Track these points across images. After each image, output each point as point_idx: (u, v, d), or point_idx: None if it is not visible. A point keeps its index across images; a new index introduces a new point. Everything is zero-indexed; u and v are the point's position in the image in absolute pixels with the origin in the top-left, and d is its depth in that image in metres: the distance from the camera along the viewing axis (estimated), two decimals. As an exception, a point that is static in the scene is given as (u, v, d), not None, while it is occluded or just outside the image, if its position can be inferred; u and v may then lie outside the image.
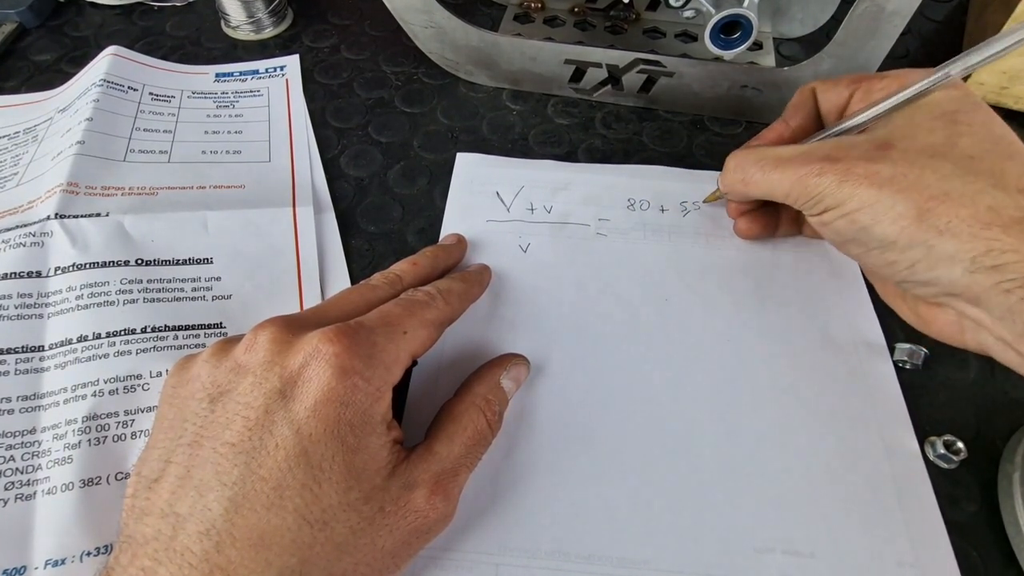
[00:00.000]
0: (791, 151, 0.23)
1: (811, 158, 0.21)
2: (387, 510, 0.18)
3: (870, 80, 0.23)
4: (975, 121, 0.20)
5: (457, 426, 0.20)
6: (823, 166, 0.21)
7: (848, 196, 0.20)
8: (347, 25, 0.41)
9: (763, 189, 0.23)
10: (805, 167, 0.21)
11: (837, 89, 0.24)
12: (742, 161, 0.24)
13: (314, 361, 0.18)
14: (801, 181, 0.21)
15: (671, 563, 0.21)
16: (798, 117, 0.26)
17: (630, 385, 0.24)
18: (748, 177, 0.24)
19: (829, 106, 0.25)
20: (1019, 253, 0.17)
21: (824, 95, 0.25)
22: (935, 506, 0.21)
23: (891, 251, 0.20)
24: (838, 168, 0.20)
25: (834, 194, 0.20)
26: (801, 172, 0.21)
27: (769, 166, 0.23)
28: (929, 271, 0.19)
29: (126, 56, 0.36)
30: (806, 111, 0.26)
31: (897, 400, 0.24)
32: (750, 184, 0.24)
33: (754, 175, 0.23)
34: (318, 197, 0.31)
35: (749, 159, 0.24)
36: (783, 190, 0.22)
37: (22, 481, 0.21)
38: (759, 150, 0.24)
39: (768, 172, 0.23)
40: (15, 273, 0.25)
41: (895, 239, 0.19)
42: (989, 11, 0.34)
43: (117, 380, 0.23)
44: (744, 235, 0.28)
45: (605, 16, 0.40)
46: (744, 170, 0.24)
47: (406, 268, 0.24)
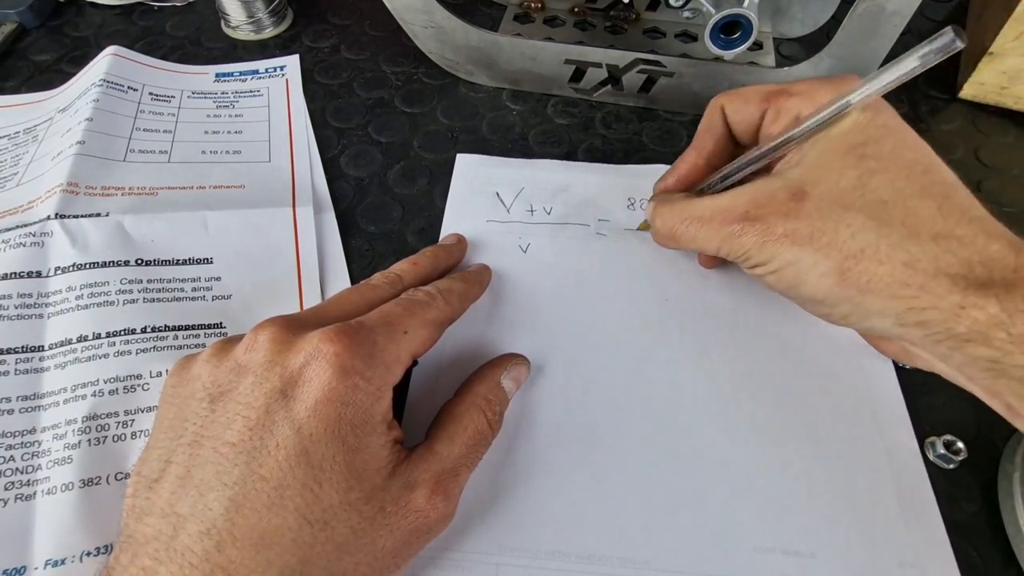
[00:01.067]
0: (711, 208, 0.22)
1: (731, 216, 0.21)
2: (388, 510, 0.18)
3: (778, 98, 0.22)
4: (884, 153, 0.19)
5: (458, 426, 0.20)
6: (743, 226, 0.20)
7: (771, 256, 0.20)
8: (347, 25, 0.41)
9: (693, 246, 0.23)
10: (726, 227, 0.21)
11: (748, 108, 0.23)
12: (667, 220, 0.23)
13: (315, 361, 0.18)
14: (726, 241, 0.21)
15: (671, 563, 0.21)
16: (709, 143, 0.25)
17: (630, 385, 0.24)
18: (676, 235, 0.23)
19: (741, 126, 0.24)
20: (938, 309, 0.17)
21: (734, 113, 0.24)
22: (935, 506, 0.21)
23: (822, 306, 0.20)
24: (757, 228, 0.20)
25: (759, 254, 0.20)
26: (724, 232, 0.21)
27: (694, 226, 0.22)
28: (862, 322, 0.19)
29: (126, 56, 0.36)
30: (716, 134, 0.25)
31: (897, 400, 0.24)
32: (680, 241, 0.23)
33: (681, 234, 0.23)
34: (318, 197, 0.31)
35: (674, 218, 0.23)
36: (712, 248, 0.22)
37: (22, 481, 0.21)
38: (681, 207, 0.23)
39: (694, 232, 0.22)
40: (15, 273, 0.25)
41: (823, 297, 0.19)
42: (989, 11, 0.34)
43: (117, 380, 0.23)
44: (707, 266, 0.28)
45: (605, 16, 0.40)
46: (671, 229, 0.23)
47: (406, 268, 0.24)
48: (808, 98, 0.21)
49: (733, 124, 0.24)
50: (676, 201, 0.24)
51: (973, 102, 0.35)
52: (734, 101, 0.24)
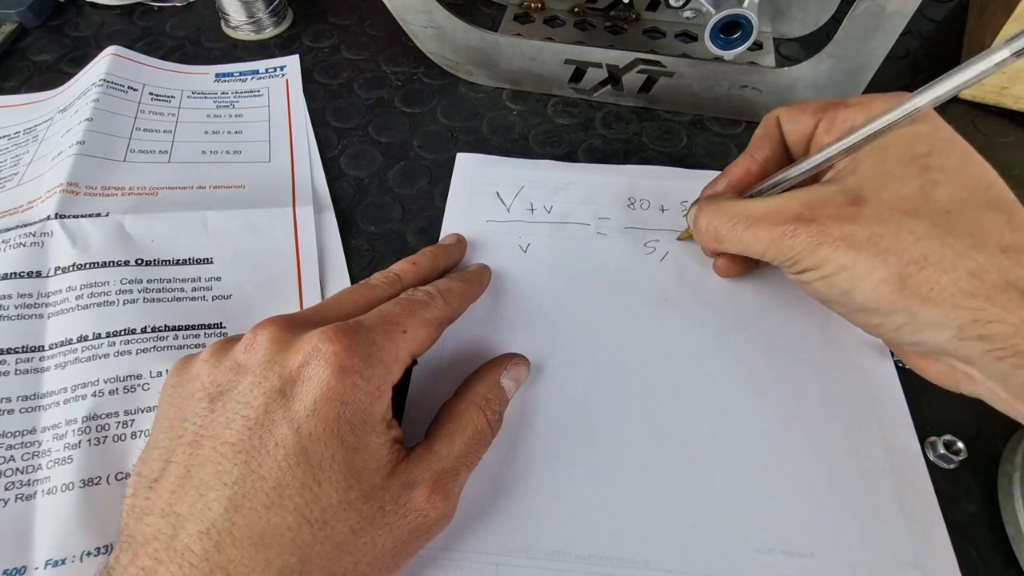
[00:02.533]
0: (762, 208, 0.21)
1: (782, 217, 0.20)
2: (387, 509, 0.18)
3: (834, 109, 0.22)
4: (949, 165, 0.19)
5: (457, 425, 0.20)
6: (796, 227, 0.20)
7: (824, 259, 0.19)
8: (347, 25, 0.41)
9: (737, 248, 0.22)
10: (778, 228, 0.20)
11: (802, 118, 0.23)
12: (713, 219, 0.23)
13: (313, 360, 0.18)
14: (775, 243, 0.20)
15: (671, 563, 0.21)
16: (764, 149, 0.25)
17: (630, 385, 0.24)
18: (721, 236, 0.23)
19: (795, 136, 0.24)
20: (1006, 323, 0.17)
21: (788, 124, 0.24)
22: (936, 506, 0.21)
23: (874, 315, 0.19)
24: (812, 230, 0.19)
25: (810, 257, 0.20)
26: (775, 233, 0.20)
27: (741, 225, 0.22)
28: (915, 335, 0.19)
29: (126, 56, 0.36)
30: (772, 142, 0.25)
31: (898, 400, 0.24)
32: (724, 242, 0.23)
33: (727, 235, 0.22)
34: (318, 197, 0.31)
35: (720, 217, 0.23)
36: (759, 250, 0.21)
37: (22, 481, 0.21)
38: (728, 206, 0.23)
39: (741, 232, 0.22)
40: (15, 273, 0.25)
41: (877, 305, 0.19)
42: (989, 11, 0.34)
43: (117, 380, 0.23)
44: (723, 274, 0.27)
45: (605, 16, 0.40)
46: (716, 228, 0.23)
47: (406, 268, 0.24)
48: (862, 109, 0.21)
49: (787, 134, 0.24)
50: (723, 201, 0.23)
51: (973, 102, 0.35)
52: (790, 112, 0.24)
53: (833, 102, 0.23)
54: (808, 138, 0.23)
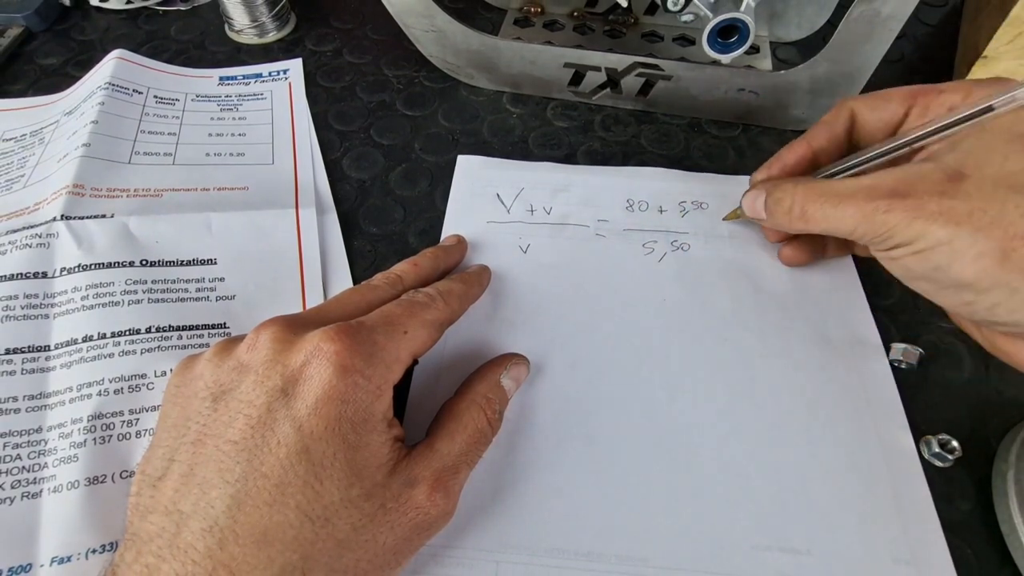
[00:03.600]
0: (852, 185, 0.21)
1: (876, 193, 0.20)
2: (388, 507, 0.18)
3: (928, 94, 0.22)
4: None
5: (458, 424, 0.20)
6: (891, 202, 0.19)
7: (920, 234, 0.19)
8: (349, 29, 0.41)
9: (823, 226, 0.22)
10: (871, 203, 0.20)
11: (889, 106, 0.23)
12: (798, 196, 0.22)
13: (315, 359, 0.18)
14: (867, 219, 0.20)
15: (669, 560, 0.21)
16: (822, 138, 0.24)
17: (629, 384, 0.25)
18: (807, 213, 0.22)
19: (878, 124, 0.23)
20: None
21: (871, 112, 0.23)
22: (931, 504, 0.22)
23: (968, 292, 0.19)
24: (908, 204, 0.19)
25: (904, 231, 0.19)
26: (867, 209, 0.20)
27: (830, 202, 0.21)
28: (1011, 314, 0.18)
29: (131, 60, 0.36)
30: (833, 132, 0.24)
31: (893, 399, 0.24)
32: (809, 220, 0.22)
33: (813, 212, 0.22)
34: (321, 199, 0.31)
35: (807, 195, 0.22)
36: (848, 227, 0.21)
37: (28, 479, 0.21)
38: (814, 185, 0.22)
39: (829, 209, 0.21)
40: (22, 274, 0.25)
41: (973, 280, 0.18)
42: (983, 15, 0.34)
43: (122, 379, 0.23)
44: (791, 263, 0.27)
45: (604, 20, 0.40)
46: (800, 205, 0.22)
47: (407, 269, 0.25)
48: (962, 92, 0.21)
49: (866, 124, 0.24)
50: (806, 180, 0.23)
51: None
52: (872, 101, 0.23)
53: (924, 88, 0.22)
54: (895, 127, 0.23)
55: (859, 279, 0.27)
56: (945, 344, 0.26)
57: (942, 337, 0.26)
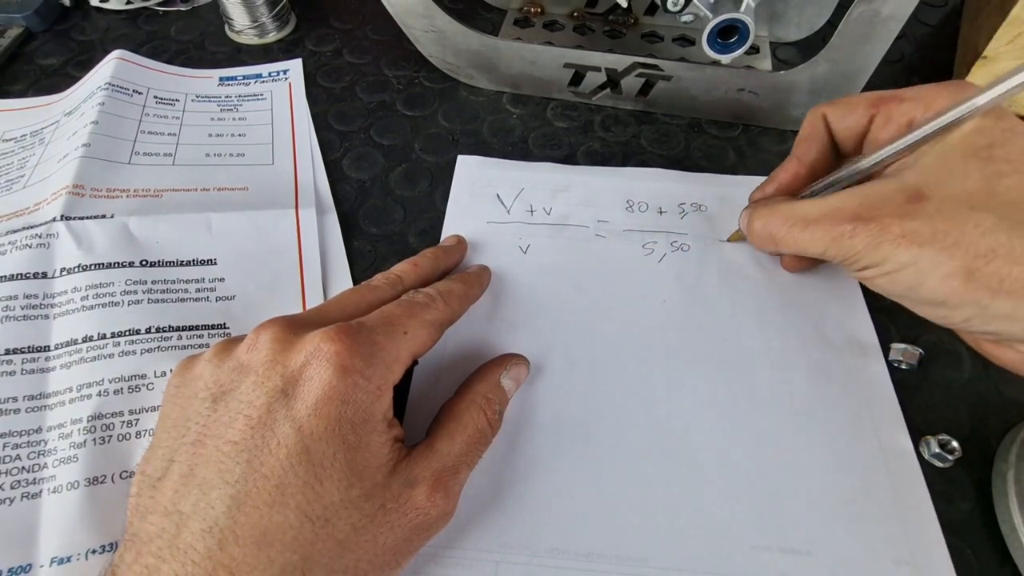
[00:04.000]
0: (818, 209, 0.21)
1: (840, 217, 0.20)
2: (388, 507, 0.18)
3: (890, 103, 0.22)
4: (1013, 155, 0.19)
5: (458, 424, 0.20)
6: (855, 226, 0.19)
7: (886, 257, 0.19)
8: (349, 29, 0.42)
9: (794, 249, 0.22)
10: (836, 228, 0.20)
11: (854, 114, 0.23)
12: (768, 222, 0.23)
13: (315, 360, 0.18)
14: (835, 243, 0.20)
15: (669, 561, 0.21)
16: (811, 151, 0.24)
17: (629, 385, 0.25)
18: (777, 238, 0.22)
19: (847, 133, 0.24)
20: None
21: (839, 120, 0.24)
22: (930, 504, 0.22)
23: (941, 308, 0.19)
24: (871, 228, 0.19)
25: (871, 255, 0.19)
26: (833, 233, 0.20)
27: (797, 227, 0.21)
28: (985, 325, 0.19)
29: (131, 60, 0.36)
30: (818, 142, 0.24)
31: (891, 399, 0.24)
32: (781, 244, 0.22)
33: (783, 237, 0.22)
34: (321, 199, 0.31)
35: (775, 220, 0.22)
36: (818, 250, 0.21)
37: (28, 480, 0.21)
38: (783, 208, 0.22)
39: (797, 233, 0.21)
40: (21, 274, 0.25)
41: (943, 299, 0.18)
42: (983, 15, 0.34)
43: (122, 380, 0.23)
44: (792, 269, 0.27)
45: (604, 20, 0.40)
46: (772, 231, 0.23)
47: (407, 269, 0.25)
48: (922, 103, 0.21)
49: (837, 132, 0.24)
50: (777, 204, 0.23)
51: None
52: (838, 108, 0.24)
53: (887, 95, 0.22)
54: (861, 134, 0.23)
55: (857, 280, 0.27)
56: (945, 344, 0.26)
57: (942, 337, 0.26)
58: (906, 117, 0.21)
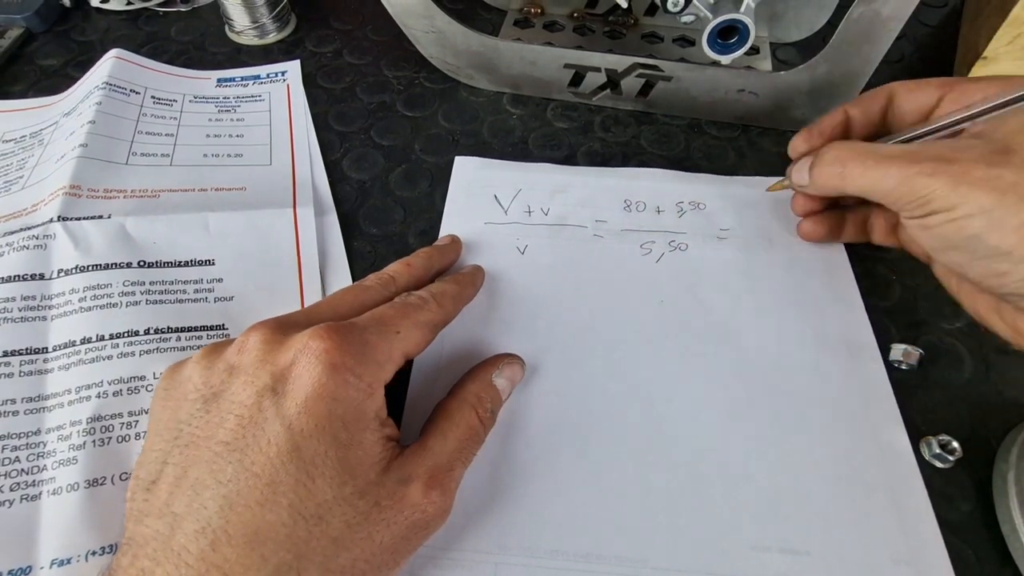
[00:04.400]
0: (897, 149, 0.21)
1: (921, 157, 0.20)
2: (383, 504, 0.18)
3: (963, 84, 0.22)
4: None
5: (450, 422, 0.20)
6: (936, 166, 0.19)
7: (962, 200, 0.19)
8: (349, 30, 0.42)
9: (860, 184, 0.22)
10: (915, 166, 0.20)
11: (926, 91, 0.23)
12: (842, 154, 0.23)
13: (304, 357, 0.18)
14: (908, 180, 0.20)
15: (668, 561, 0.21)
16: (857, 109, 0.25)
17: (627, 385, 0.25)
18: (848, 171, 0.22)
19: (912, 107, 0.24)
20: None
21: (908, 96, 0.24)
22: (928, 504, 0.22)
23: (1004, 262, 0.19)
24: (953, 170, 0.19)
25: (946, 197, 0.19)
26: (910, 171, 0.20)
27: (872, 161, 0.21)
28: None
29: (128, 59, 0.36)
30: (868, 107, 0.25)
31: (889, 399, 0.24)
32: (848, 179, 0.22)
33: (854, 169, 0.22)
34: (321, 200, 0.31)
35: (851, 152, 0.22)
36: (885, 188, 0.21)
37: (27, 482, 0.21)
38: (860, 144, 0.23)
39: (871, 168, 0.21)
40: (19, 276, 0.25)
41: (1011, 250, 0.18)
42: (983, 16, 0.34)
43: (121, 381, 0.23)
44: (808, 236, 0.28)
45: (604, 21, 0.40)
46: (844, 163, 0.22)
47: (400, 269, 0.25)
48: (996, 84, 0.21)
49: (904, 105, 0.24)
50: (854, 142, 0.24)
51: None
52: (909, 85, 0.24)
53: (960, 79, 0.23)
54: (927, 112, 0.24)
55: (855, 280, 0.27)
56: (945, 345, 0.26)
57: (942, 338, 0.26)
58: (980, 94, 0.21)
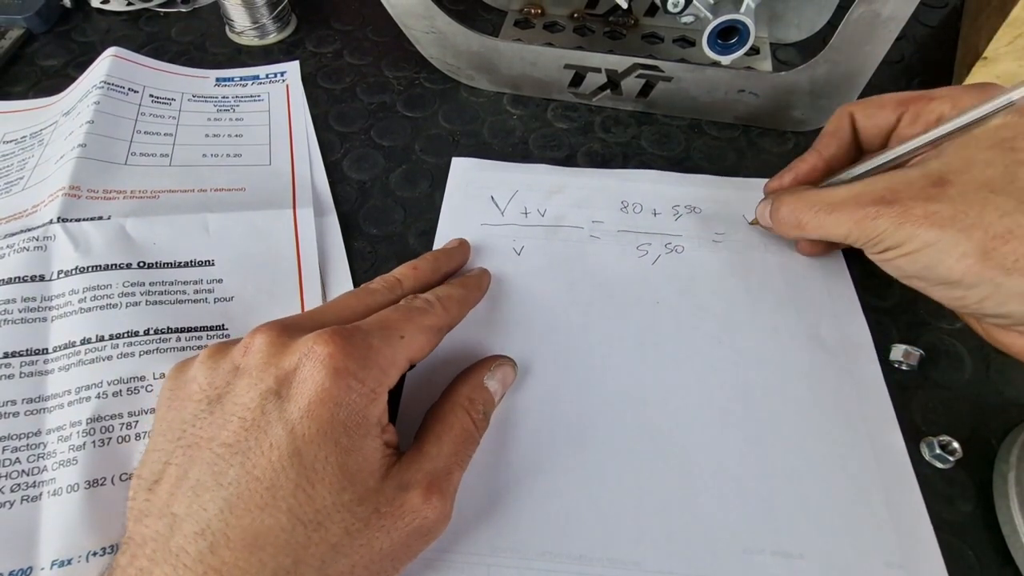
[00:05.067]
0: (843, 194, 0.22)
1: (864, 200, 0.21)
2: (383, 511, 0.18)
3: (918, 102, 0.23)
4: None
5: (444, 426, 0.20)
6: (879, 209, 0.20)
7: (908, 237, 0.20)
8: (350, 31, 0.42)
9: (819, 233, 0.23)
10: (860, 210, 0.21)
11: (882, 112, 0.24)
12: (794, 207, 0.24)
13: (308, 361, 0.18)
14: (858, 225, 0.21)
15: (661, 564, 0.21)
16: (832, 146, 0.25)
17: (621, 387, 0.25)
18: (803, 222, 0.23)
19: (874, 130, 0.25)
20: None
21: (867, 119, 0.25)
22: (922, 506, 0.22)
23: (957, 288, 0.20)
24: (895, 210, 0.20)
25: (893, 235, 0.20)
26: (856, 216, 0.21)
27: (823, 211, 0.22)
28: (999, 307, 0.19)
29: (126, 57, 0.36)
30: (841, 139, 0.25)
31: (884, 401, 0.24)
32: (805, 228, 0.24)
33: (808, 221, 0.23)
34: (321, 200, 0.31)
35: (801, 204, 0.23)
36: (841, 233, 0.22)
37: (28, 483, 0.21)
38: (809, 194, 0.24)
39: (822, 217, 0.22)
40: (19, 277, 0.25)
41: (960, 278, 0.19)
42: (983, 16, 0.34)
43: (120, 382, 0.23)
44: (807, 253, 0.28)
45: (604, 22, 0.40)
46: (797, 216, 0.24)
47: (406, 272, 0.24)
48: (950, 101, 0.22)
49: (864, 129, 0.25)
50: (802, 190, 0.25)
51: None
52: (867, 107, 0.25)
53: (915, 95, 0.23)
54: (888, 132, 0.24)
55: (851, 281, 0.27)
56: (945, 345, 0.26)
57: (942, 338, 0.26)
58: (934, 115, 0.22)
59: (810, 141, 0.27)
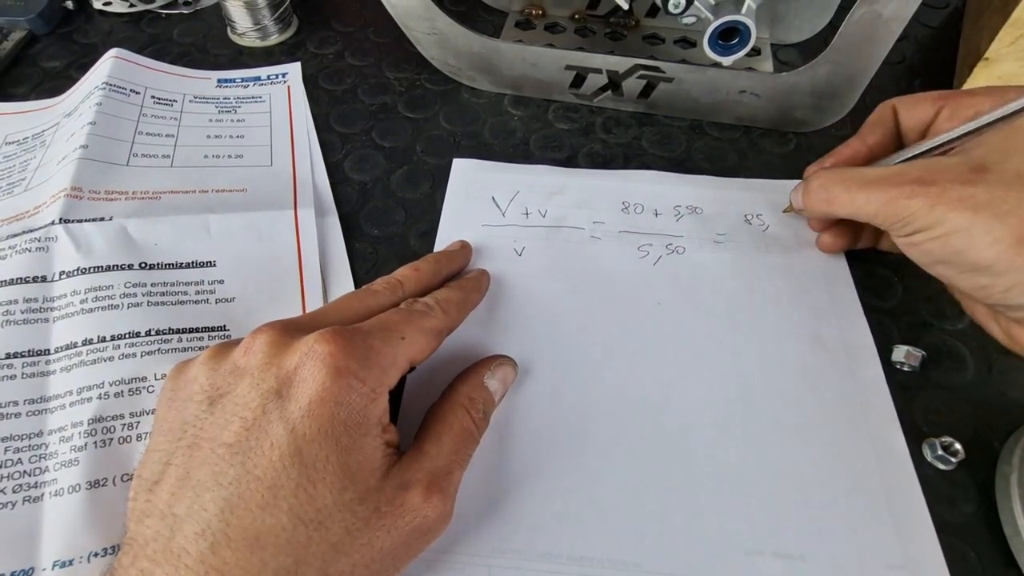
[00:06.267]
0: (878, 172, 0.22)
1: (901, 180, 0.21)
2: (383, 511, 0.18)
3: (958, 97, 0.23)
4: None
5: (443, 425, 0.20)
6: (914, 188, 0.20)
7: (940, 219, 0.20)
8: (351, 32, 0.42)
9: (848, 210, 0.23)
10: (895, 189, 0.21)
11: (922, 106, 0.24)
12: (827, 181, 0.24)
13: (309, 361, 0.18)
14: (890, 203, 0.21)
15: (662, 565, 0.21)
16: (875, 135, 0.25)
17: (622, 388, 0.25)
18: (833, 197, 0.23)
19: (912, 123, 0.25)
20: None
21: (907, 112, 0.25)
22: (924, 508, 0.22)
23: (985, 275, 0.20)
24: (931, 191, 0.20)
25: (925, 217, 0.20)
26: (890, 194, 0.21)
27: (855, 187, 0.22)
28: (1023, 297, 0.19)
29: (127, 59, 0.36)
30: (884, 129, 0.25)
31: (886, 402, 0.24)
32: (835, 204, 0.23)
33: (839, 196, 0.23)
34: (322, 201, 0.31)
35: (834, 179, 0.23)
36: (870, 211, 0.22)
37: (29, 483, 0.21)
38: (844, 170, 0.24)
39: (854, 193, 0.22)
40: (21, 278, 0.25)
41: (990, 264, 0.19)
42: (985, 16, 0.34)
43: (122, 383, 0.23)
44: (828, 249, 0.28)
45: (605, 22, 0.40)
46: (828, 190, 0.23)
47: (408, 274, 0.25)
48: (990, 97, 0.22)
49: (904, 122, 0.25)
50: (838, 168, 0.25)
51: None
52: (908, 101, 0.25)
53: (955, 92, 0.24)
54: (927, 125, 0.24)
55: (853, 282, 0.27)
56: (948, 346, 0.26)
57: (944, 339, 0.26)
58: (972, 110, 0.22)
59: (811, 142, 0.27)
